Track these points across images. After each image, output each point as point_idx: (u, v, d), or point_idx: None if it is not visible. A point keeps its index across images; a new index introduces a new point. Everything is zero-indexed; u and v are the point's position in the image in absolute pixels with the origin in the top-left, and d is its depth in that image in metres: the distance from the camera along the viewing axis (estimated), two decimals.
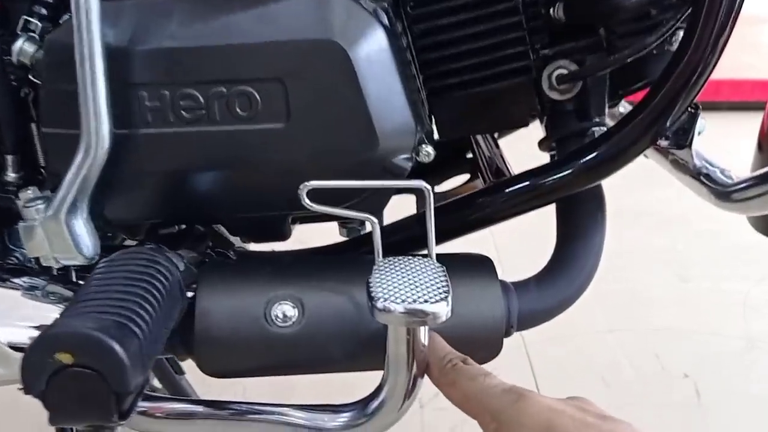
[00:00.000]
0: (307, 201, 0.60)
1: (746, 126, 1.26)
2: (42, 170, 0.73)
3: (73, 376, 0.50)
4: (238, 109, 0.62)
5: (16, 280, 0.71)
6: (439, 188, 1.02)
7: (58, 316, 0.55)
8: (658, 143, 0.73)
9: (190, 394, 1.22)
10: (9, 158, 0.71)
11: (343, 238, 0.88)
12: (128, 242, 0.80)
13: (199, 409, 0.68)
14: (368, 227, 0.63)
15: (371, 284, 0.58)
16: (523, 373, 1.65)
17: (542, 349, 1.69)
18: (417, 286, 0.58)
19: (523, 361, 1.68)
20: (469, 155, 1.03)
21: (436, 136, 0.77)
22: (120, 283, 0.57)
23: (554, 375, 1.65)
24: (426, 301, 0.56)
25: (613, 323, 1.80)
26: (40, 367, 0.51)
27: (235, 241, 0.83)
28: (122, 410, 0.52)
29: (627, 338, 1.77)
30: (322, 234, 0.87)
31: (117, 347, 0.49)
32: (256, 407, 0.67)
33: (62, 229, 0.63)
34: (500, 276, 0.70)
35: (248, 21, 0.62)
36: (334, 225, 0.87)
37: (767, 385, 1.61)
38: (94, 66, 0.59)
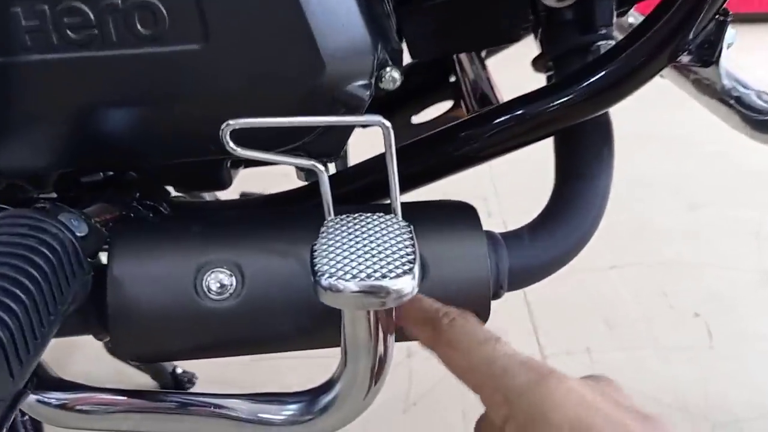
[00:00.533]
0: (231, 144, 0.48)
1: (759, 39, 1.14)
2: None
3: None
4: (139, 27, 0.50)
5: None
6: (417, 118, 0.91)
7: None
8: (678, 60, 0.62)
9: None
10: None
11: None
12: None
13: (129, 401, 0.59)
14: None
15: (316, 254, 0.46)
16: (519, 316, 1.58)
17: (540, 287, 1.58)
18: (375, 254, 0.46)
19: (519, 302, 1.61)
20: (453, 79, 0.92)
21: (406, 56, 0.65)
22: None
23: (553, 316, 1.58)
24: (385, 276, 0.44)
25: (616, 258, 1.74)
26: None
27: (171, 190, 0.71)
28: None
29: (632, 274, 1.70)
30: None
31: None
32: (192, 399, 0.58)
33: None
34: (495, 226, 0.62)
35: None
36: None
37: None
38: None
